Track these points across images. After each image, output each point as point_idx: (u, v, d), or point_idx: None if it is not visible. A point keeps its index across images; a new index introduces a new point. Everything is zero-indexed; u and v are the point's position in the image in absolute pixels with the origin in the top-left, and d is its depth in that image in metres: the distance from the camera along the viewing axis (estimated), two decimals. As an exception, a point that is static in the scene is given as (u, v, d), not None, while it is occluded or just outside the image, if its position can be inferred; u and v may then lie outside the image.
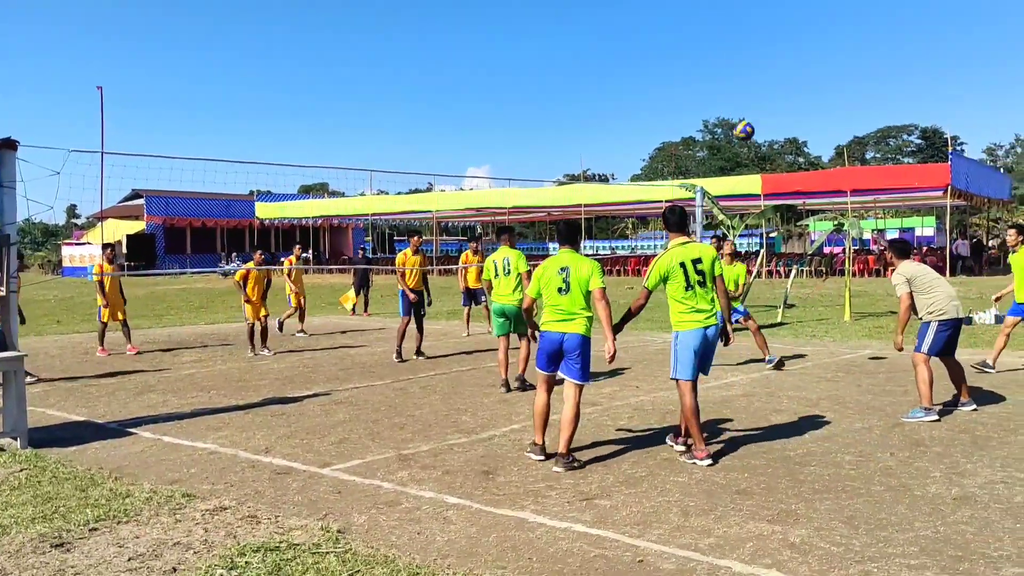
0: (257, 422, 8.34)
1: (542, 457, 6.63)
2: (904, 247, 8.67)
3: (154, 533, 5.02)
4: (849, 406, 8.69)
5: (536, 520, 5.24)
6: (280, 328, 16.56)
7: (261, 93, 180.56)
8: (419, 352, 13.04)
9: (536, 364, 6.81)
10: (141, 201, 56.16)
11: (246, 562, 4.52)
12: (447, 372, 11.53)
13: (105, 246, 15.32)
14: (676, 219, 6.83)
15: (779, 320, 17.77)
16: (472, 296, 16.22)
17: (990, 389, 9.49)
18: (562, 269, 6.62)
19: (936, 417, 7.91)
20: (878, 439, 7.27)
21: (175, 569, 4.45)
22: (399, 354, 12.68)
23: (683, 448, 6.79)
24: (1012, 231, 11.02)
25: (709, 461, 6.47)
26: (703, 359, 6.69)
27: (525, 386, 9.73)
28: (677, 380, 6.68)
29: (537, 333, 6.93)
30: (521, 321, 9.69)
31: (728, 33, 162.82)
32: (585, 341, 6.55)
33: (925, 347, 8.17)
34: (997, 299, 12.17)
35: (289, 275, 16.75)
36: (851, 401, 8.95)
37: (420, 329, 13.11)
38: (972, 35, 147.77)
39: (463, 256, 16.52)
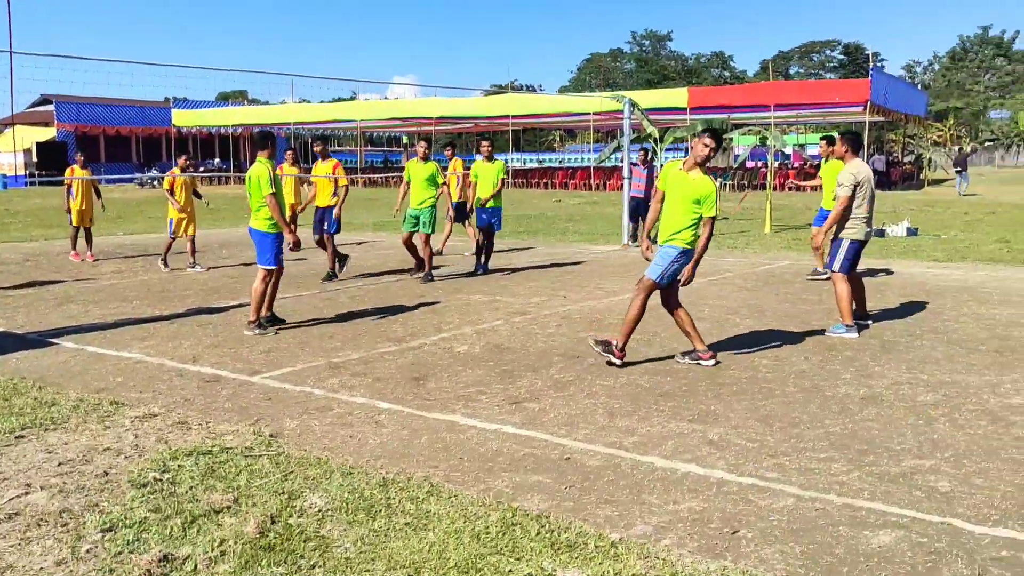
0: (183, 332, 8.25)
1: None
2: (858, 140, 8.10)
3: (83, 440, 5.00)
4: (767, 314, 9.01)
5: (466, 423, 5.38)
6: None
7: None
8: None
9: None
10: (51, 107, 53.55)
11: (179, 465, 4.55)
12: (376, 283, 11.52)
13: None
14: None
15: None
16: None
17: (899, 298, 9.93)
18: None
19: (856, 335, 7.82)
20: (793, 344, 7.59)
21: (107, 473, 4.46)
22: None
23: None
24: (823, 142, 11.29)
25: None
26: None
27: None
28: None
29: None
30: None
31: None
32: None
33: (837, 265, 7.92)
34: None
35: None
36: (769, 309, 9.27)
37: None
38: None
39: (455, 164, 14.97)
